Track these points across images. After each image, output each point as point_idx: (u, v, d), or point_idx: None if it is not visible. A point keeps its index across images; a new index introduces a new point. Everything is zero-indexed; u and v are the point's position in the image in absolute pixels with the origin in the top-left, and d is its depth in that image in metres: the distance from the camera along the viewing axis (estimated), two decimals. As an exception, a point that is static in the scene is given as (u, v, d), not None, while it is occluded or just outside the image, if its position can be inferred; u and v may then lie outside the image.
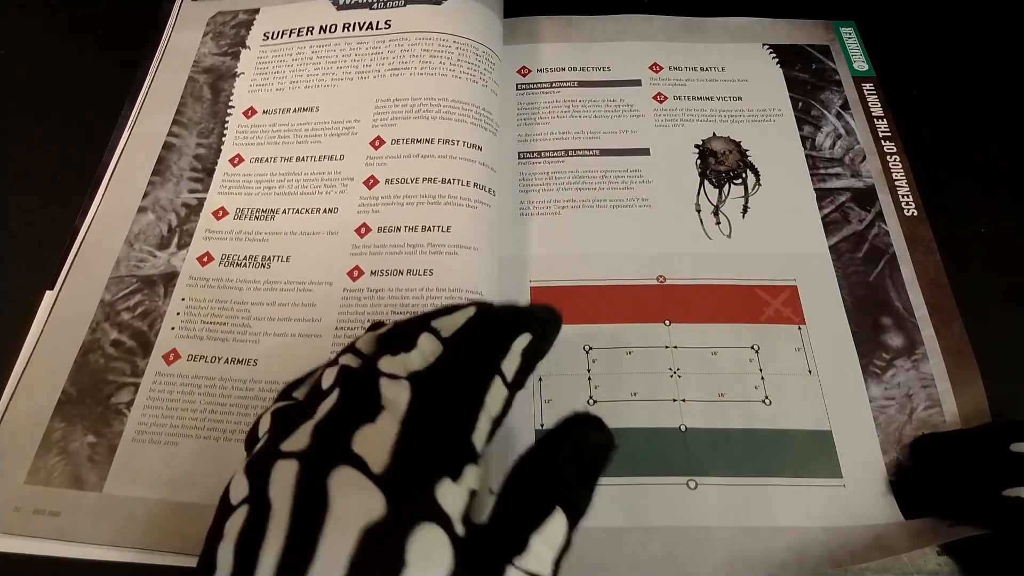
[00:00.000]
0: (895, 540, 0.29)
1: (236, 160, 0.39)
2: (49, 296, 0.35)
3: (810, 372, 0.33)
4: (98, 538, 0.29)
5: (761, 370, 0.33)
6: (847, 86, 0.43)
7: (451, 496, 0.20)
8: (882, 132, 0.41)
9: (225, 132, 0.40)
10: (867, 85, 0.43)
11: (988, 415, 0.32)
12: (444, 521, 0.19)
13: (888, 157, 0.40)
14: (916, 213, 0.38)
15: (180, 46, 0.44)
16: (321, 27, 0.44)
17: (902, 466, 0.31)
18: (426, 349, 0.23)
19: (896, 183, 0.39)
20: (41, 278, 0.35)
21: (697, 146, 0.40)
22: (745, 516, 0.30)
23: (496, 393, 0.22)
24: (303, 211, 0.37)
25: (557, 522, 0.21)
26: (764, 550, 0.29)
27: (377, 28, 0.43)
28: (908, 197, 0.38)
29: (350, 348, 0.25)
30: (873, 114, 0.42)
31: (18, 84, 0.44)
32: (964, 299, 0.35)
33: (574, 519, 0.21)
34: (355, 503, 0.18)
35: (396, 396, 0.21)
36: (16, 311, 0.34)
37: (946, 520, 0.29)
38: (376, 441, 0.20)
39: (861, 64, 0.44)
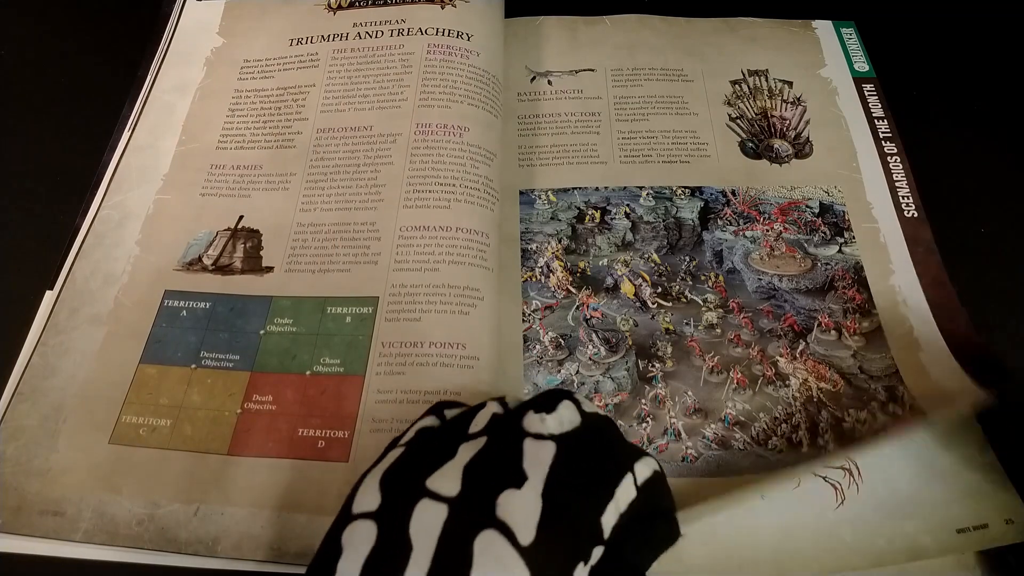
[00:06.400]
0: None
1: None
2: (49, 296, 0.34)
3: None
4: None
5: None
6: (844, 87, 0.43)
7: None
8: (882, 132, 0.41)
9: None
10: (867, 85, 0.43)
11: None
12: None
13: (888, 157, 0.40)
14: (916, 214, 0.38)
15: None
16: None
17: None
18: (564, 417, 0.23)
19: (896, 183, 0.39)
20: (41, 277, 0.35)
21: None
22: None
23: (627, 489, 0.23)
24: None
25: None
26: None
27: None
28: (908, 197, 0.38)
29: (499, 399, 0.26)
30: (873, 114, 0.42)
31: (18, 84, 0.43)
32: (964, 299, 0.35)
33: None
34: (498, 572, 0.19)
35: (540, 455, 0.22)
36: (17, 310, 0.34)
37: None
38: (521, 512, 0.20)
39: (861, 64, 0.44)
